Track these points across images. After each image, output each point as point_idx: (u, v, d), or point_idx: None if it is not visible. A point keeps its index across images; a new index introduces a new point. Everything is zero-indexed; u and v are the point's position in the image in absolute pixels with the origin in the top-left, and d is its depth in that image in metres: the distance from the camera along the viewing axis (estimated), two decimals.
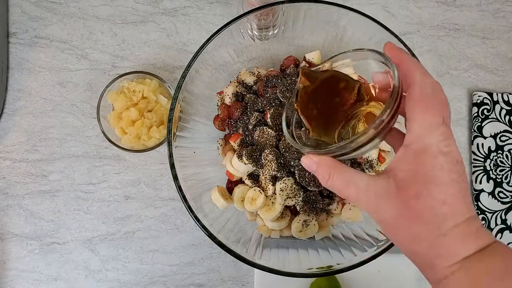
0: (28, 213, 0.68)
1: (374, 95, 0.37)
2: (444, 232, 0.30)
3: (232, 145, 0.59)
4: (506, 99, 0.69)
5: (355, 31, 0.58)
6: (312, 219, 0.56)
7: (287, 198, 0.54)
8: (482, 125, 0.68)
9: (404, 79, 0.33)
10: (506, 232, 0.66)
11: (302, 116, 0.38)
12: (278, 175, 0.55)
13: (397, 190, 0.31)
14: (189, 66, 0.54)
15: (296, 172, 0.55)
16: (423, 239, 0.30)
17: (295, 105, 0.38)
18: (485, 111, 0.68)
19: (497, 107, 0.68)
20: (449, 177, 0.30)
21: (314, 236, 0.57)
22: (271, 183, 0.55)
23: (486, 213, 0.66)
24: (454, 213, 0.30)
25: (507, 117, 0.68)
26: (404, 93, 0.33)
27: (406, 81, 0.33)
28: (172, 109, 0.53)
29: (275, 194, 0.55)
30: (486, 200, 0.66)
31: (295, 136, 0.39)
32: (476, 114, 0.68)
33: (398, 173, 0.32)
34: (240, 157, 0.55)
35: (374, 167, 0.57)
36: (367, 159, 0.57)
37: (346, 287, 0.64)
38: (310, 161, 0.35)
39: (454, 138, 0.32)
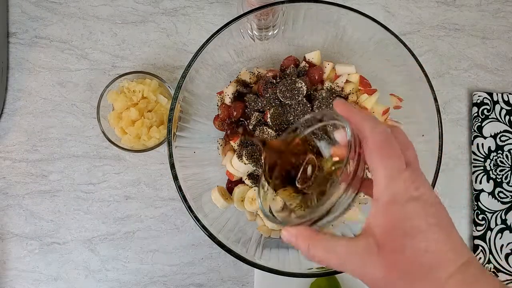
0: (28, 213, 0.68)
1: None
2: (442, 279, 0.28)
3: (232, 145, 0.59)
4: (506, 99, 0.69)
5: (355, 31, 0.58)
6: None
7: None
8: (482, 125, 0.68)
9: (358, 133, 0.32)
10: (506, 232, 0.66)
11: (281, 195, 0.37)
12: None
13: (378, 249, 0.30)
14: (189, 66, 0.54)
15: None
16: None
17: (268, 182, 0.38)
18: (485, 111, 0.68)
19: (497, 107, 0.68)
20: (425, 222, 0.29)
21: None
22: None
23: (486, 213, 0.66)
24: (442, 262, 0.28)
25: (507, 117, 0.68)
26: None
27: (360, 136, 0.32)
28: (172, 109, 0.53)
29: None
30: (486, 200, 0.66)
31: (273, 212, 0.38)
32: (476, 114, 0.68)
33: (375, 230, 0.30)
34: (240, 157, 0.55)
35: None
36: None
37: (346, 287, 0.64)
38: (289, 234, 0.33)
39: (425, 178, 0.31)
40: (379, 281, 0.30)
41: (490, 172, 0.67)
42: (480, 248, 0.65)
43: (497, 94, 0.69)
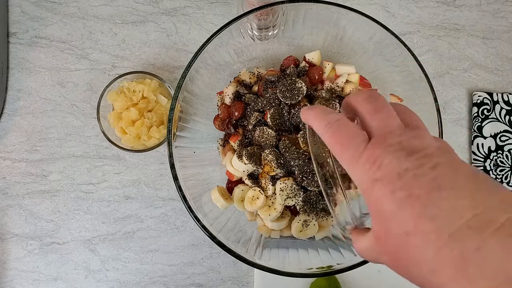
0: (28, 213, 0.68)
1: None
2: (433, 268, 0.23)
3: (232, 145, 0.59)
4: (506, 99, 0.69)
5: (355, 31, 0.58)
6: (312, 219, 0.56)
7: (287, 198, 0.54)
8: (482, 125, 0.68)
9: None
10: None
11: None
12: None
13: (375, 240, 0.28)
14: (189, 66, 0.54)
15: (296, 172, 0.55)
16: (415, 282, 0.26)
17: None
18: (485, 111, 0.68)
19: (497, 107, 0.68)
20: (393, 201, 0.24)
21: (314, 236, 0.57)
22: (271, 183, 0.55)
23: None
24: (425, 239, 0.23)
25: (507, 117, 0.68)
26: None
27: None
28: (172, 109, 0.53)
29: (275, 194, 0.55)
30: None
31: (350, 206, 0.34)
32: (476, 114, 0.68)
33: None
34: (240, 157, 0.55)
35: None
36: None
37: (346, 287, 0.64)
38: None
39: (395, 146, 0.26)
40: (392, 268, 0.28)
41: (490, 172, 0.67)
42: None
43: (497, 94, 0.69)
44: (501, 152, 0.68)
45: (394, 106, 0.30)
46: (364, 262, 0.50)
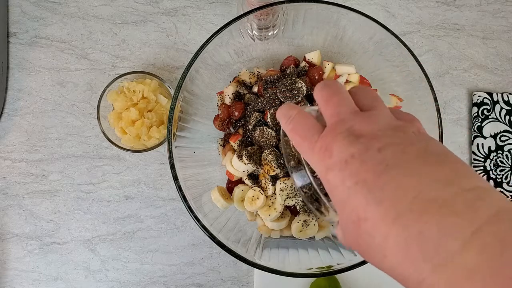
0: (28, 213, 0.68)
1: None
2: (384, 254, 0.23)
3: (232, 145, 0.59)
4: (506, 99, 0.69)
5: (355, 31, 0.58)
6: (312, 219, 0.56)
7: (287, 198, 0.54)
8: (482, 125, 0.68)
9: None
10: None
11: None
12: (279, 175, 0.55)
13: (341, 230, 0.28)
14: (189, 66, 0.54)
15: None
16: (378, 268, 0.25)
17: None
18: (485, 111, 0.68)
19: (497, 107, 0.68)
20: (344, 188, 0.24)
21: (314, 236, 0.57)
22: (271, 183, 0.55)
23: None
24: (375, 224, 0.23)
25: (507, 117, 0.68)
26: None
27: None
28: (172, 109, 0.53)
29: (275, 194, 0.55)
30: None
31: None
32: (476, 114, 0.68)
33: None
34: (240, 157, 0.55)
35: None
36: None
37: (346, 287, 0.64)
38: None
39: (346, 132, 0.26)
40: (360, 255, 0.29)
41: (490, 172, 0.67)
42: None
43: (497, 94, 0.69)
44: (501, 152, 0.68)
45: (351, 90, 0.31)
46: (364, 262, 0.50)
